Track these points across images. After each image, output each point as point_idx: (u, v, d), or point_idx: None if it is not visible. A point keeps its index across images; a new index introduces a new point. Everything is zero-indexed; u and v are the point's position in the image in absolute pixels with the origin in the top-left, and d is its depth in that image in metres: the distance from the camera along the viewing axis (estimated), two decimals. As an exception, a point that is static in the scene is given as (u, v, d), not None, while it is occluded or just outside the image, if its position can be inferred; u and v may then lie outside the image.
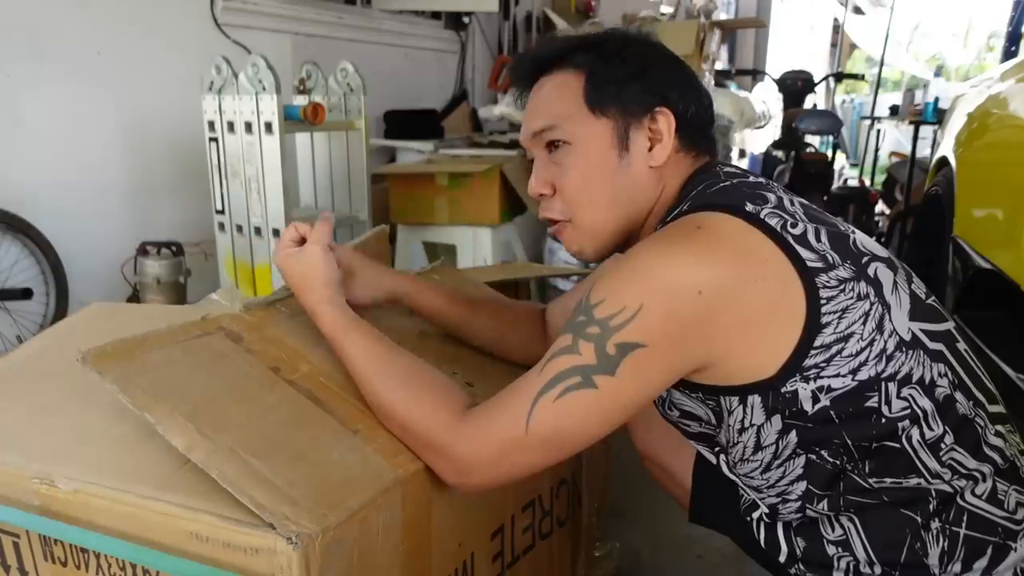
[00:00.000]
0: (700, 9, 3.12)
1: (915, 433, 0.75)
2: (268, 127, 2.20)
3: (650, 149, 0.86)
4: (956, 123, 2.42)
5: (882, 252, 0.82)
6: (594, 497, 1.27)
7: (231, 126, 2.27)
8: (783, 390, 0.75)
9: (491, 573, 0.99)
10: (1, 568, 0.89)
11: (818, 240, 0.77)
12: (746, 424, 0.79)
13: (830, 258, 0.76)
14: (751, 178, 0.85)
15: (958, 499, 0.76)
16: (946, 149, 2.43)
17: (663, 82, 0.87)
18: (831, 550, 0.80)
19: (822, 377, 0.74)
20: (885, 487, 0.76)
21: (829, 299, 0.73)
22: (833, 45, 11.45)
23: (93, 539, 0.76)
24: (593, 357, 0.73)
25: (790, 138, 4.20)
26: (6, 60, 2.24)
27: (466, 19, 4.17)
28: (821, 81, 5.26)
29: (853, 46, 11.55)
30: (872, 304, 0.75)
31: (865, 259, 0.78)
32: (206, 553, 0.69)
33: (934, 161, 2.72)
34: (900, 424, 0.75)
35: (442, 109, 4.01)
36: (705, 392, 0.81)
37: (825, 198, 3.88)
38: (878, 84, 7.41)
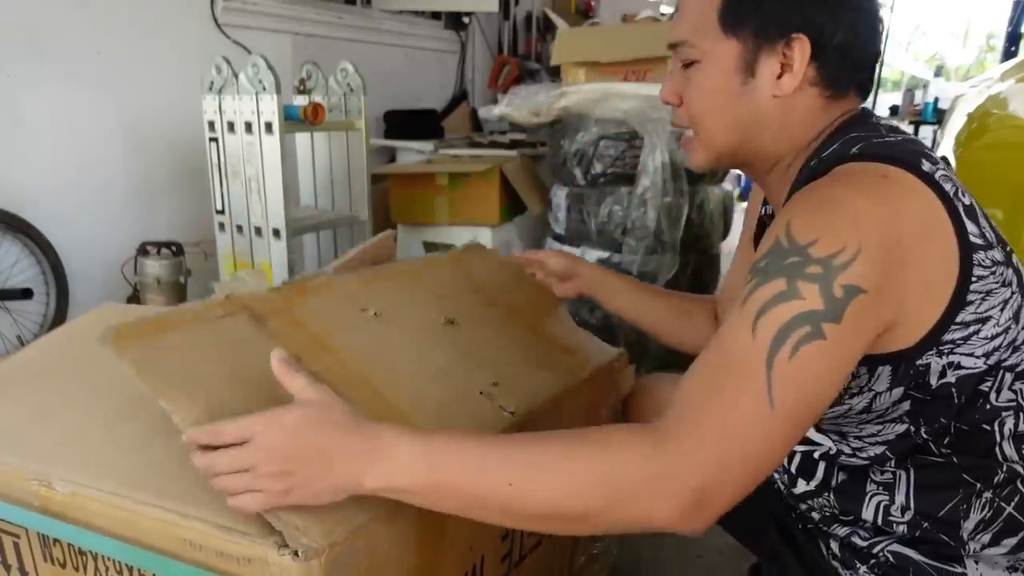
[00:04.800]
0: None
1: (1009, 423, 0.75)
2: (268, 127, 2.20)
3: (779, 77, 0.79)
4: (956, 123, 2.42)
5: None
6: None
7: (231, 126, 2.27)
8: (918, 362, 0.71)
9: (498, 573, 0.99)
10: (2, 568, 0.89)
11: (982, 216, 0.73)
12: (863, 389, 0.76)
13: (989, 237, 0.72)
14: (908, 135, 0.79)
15: (1018, 483, 0.76)
16: (946, 149, 2.43)
17: (803, 9, 0.78)
18: (870, 488, 0.81)
19: (955, 353, 0.71)
20: (954, 460, 0.76)
21: (980, 278, 0.70)
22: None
23: (91, 540, 0.76)
24: (819, 301, 0.64)
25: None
26: (6, 60, 2.24)
27: (466, 19, 4.17)
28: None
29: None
30: (1013, 293, 0.72)
31: (1009, 248, 0.76)
32: (201, 560, 0.69)
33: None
34: (1003, 413, 0.74)
35: (442, 109, 4.01)
36: None
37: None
38: (878, 84, 7.41)
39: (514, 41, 4.63)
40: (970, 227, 0.70)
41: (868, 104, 0.87)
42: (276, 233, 2.30)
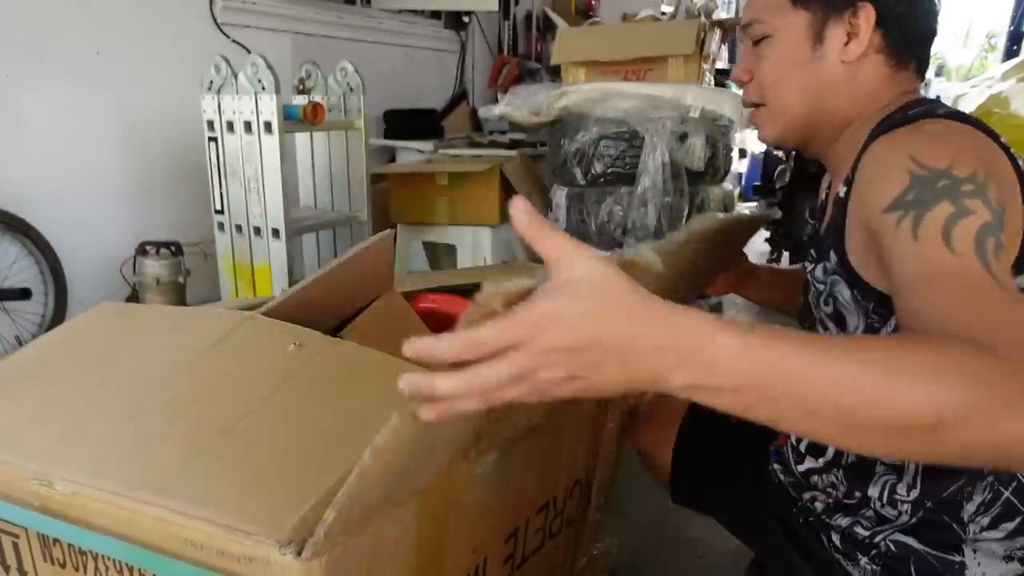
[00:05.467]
0: (700, 9, 3.11)
1: None
2: (268, 127, 2.19)
3: (847, 44, 0.85)
4: (957, 123, 2.41)
5: None
6: (601, 495, 1.27)
7: (230, 126, 2.26)
8: None
9: (501, 575, 0.99)
10: (1, 568, 0.88)
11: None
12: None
13: None
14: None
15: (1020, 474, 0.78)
16: (947, 149, 2.42)
17: None
18: (879, 468, 0.83)
19: None
20: None
21: None
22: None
23: (91, 539, 0.76)
24: (987, 213, 0.65)
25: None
26: (6, 60, 2.23)
27: (466, 19, 4.17)
28: (821, 81, 5.24)
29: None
30: None
31: None
32: (202, 560, 0.69)
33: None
34: None
35: (442, 109, 4.01)
36: (879, 301, 0.78)
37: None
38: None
39: (514, 41, 4.62)
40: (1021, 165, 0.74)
41: None
42: (275, 233, 2.29)
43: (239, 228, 2.37)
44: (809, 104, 0.88)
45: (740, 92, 1.05)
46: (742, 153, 5.94)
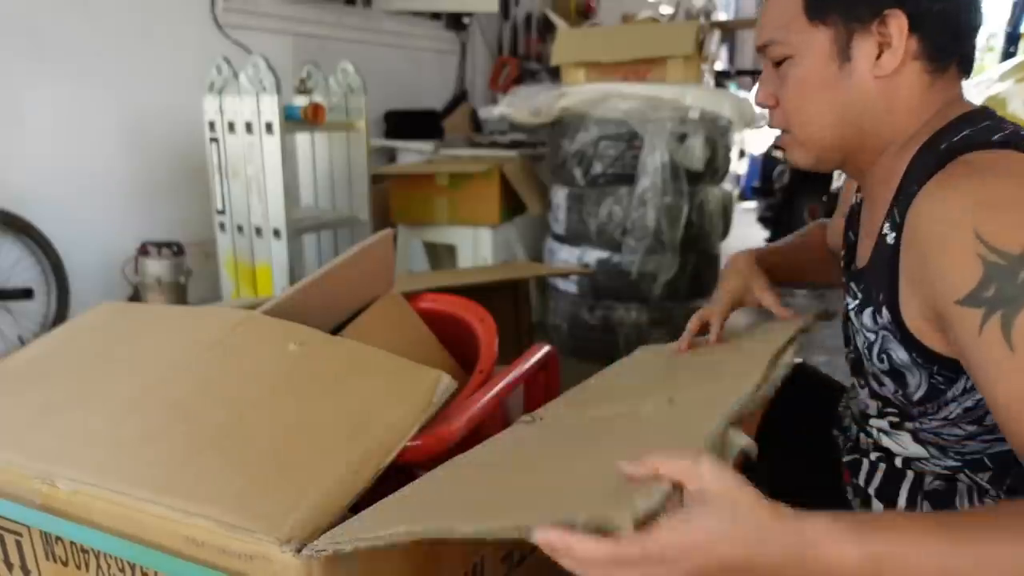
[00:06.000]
0: (700, 9, 3.12)
1: None
2: (269, 127, 2.20)
3: (878, 57, 0.76)
4: (956, 123, 2.41)
5: None
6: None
7: (232, 126, 2.27)
8: None
9: (499, 573, 0.99)
10: (4, 567, 0.89)
11: None
12: (980, 403, 0.72)
13: None
14: None
15: None
16: (946, 149, 2.42)
17: None
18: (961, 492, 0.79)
19: None
20: None
21: None
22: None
23: (93, 537, 0.76)
24: None
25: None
26: (7, 60, 2.24)
27: (466, 19, 4.18)
28: (821, 81, 5.24)
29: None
30: None
31: None
32: (204, 557, 0.69)
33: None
34: None
35: (442, 109, 4.02)
36: (943, 364, 0.72)
37: (825, 198, 3.87)
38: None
39: (514, 41, 4.63)
40: None
41: None
42: (276, 233, 2.30)
43: (240, 228, 2.38)
44: (842, 128, 0.80)
45: (739, 93, 1.02)
46: (741, 153, 5.95)
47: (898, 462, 0.85)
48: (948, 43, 0.76)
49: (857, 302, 0.84)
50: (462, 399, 1.10)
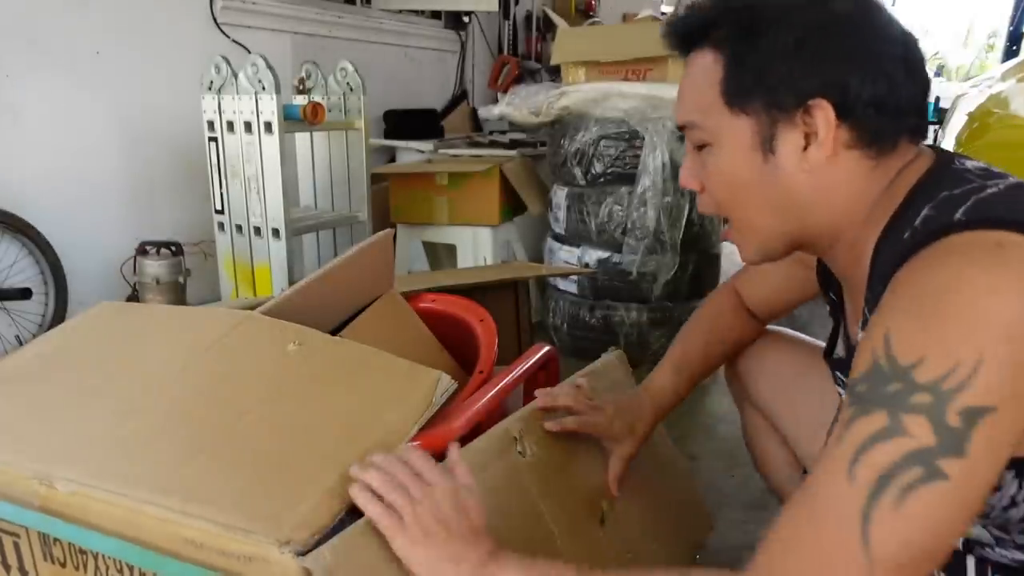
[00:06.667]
0: (700, 9, 3.12)
1: None
2: (268, 127, 2.19)
3: (804, 149, 0.68)
4: (957, 123, 2.41)
5: None
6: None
7: (231, 126, 2.27)
8: None
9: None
10: (2, 568, 0.89)
11: None
12: (1017, 500, 0.66)
13: None
14: (1008, 178, 0.67)
15: None
16: (947, 148, 2.42)
17: (828, 56, 0.66)
18: None
19: None
20: None
21: None
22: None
23: (91, 539, 0.76)
24: (931, 435, 0.54)
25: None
26: (5, 59, 2.23)
27: (466, 19, 4.17)
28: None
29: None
30: None
31: None
32: (202, 559, 0.69)
33: (934, 161, 2.71)
34: None
35: (442, 109, 4.01)
36: None
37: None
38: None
39: (514, 41, 4.62)
40: None
41: None
42: (275, 233, 2.29)
43: (239, 228, 2.38)
44: (780, 222, 0.72)
45: None
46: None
47: (959, 543, 0.75)
48: (887, 125, 0.68)
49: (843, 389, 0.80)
50: (462, 399, 1.10)
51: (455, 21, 4.15)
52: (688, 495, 1.33)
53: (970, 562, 0.74)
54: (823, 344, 0.95)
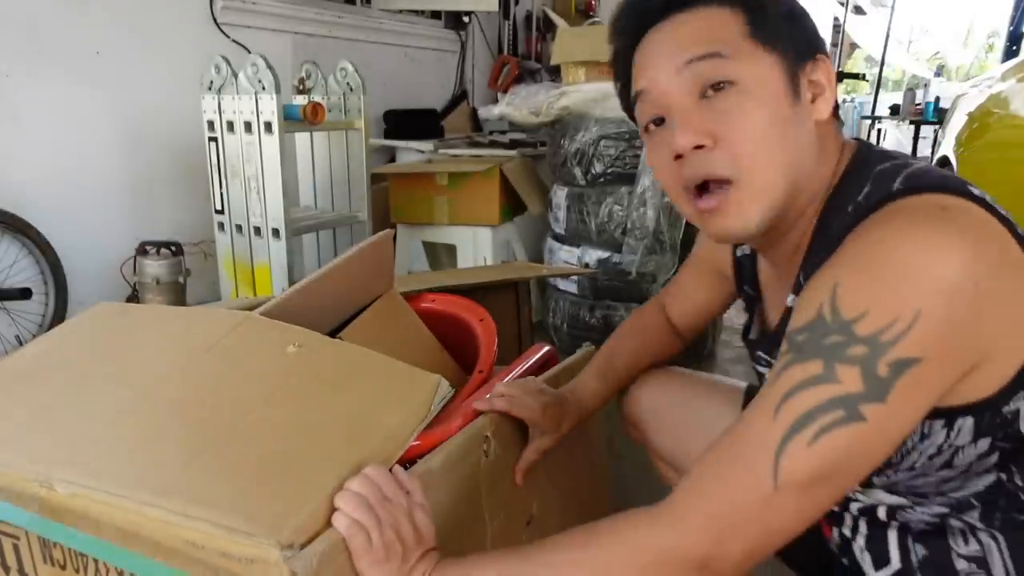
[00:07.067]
0: (700, 8, 3.12)
1: None
2: (268, 127, 2.19)
3: (813, 101, 0.70)
4: (957, 122, 2.42)
5: None
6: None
7: (231, 126, 2.27)
8: (1004, 409, 0.63)
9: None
10: (2, 570, 0.88)
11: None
12: (943, 448, 0.68)
13: None
14: (918, 159, 0.72)
15: None
16: (947, 148, 2.43)
17: (815, 27, 0.72)
18: (960, 564, 0.70)
19: None
20: None
21: None
22: (834, 45, 11.45)
23: (91, 541, 0.76)
24: (859, 383, 0.58)
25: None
26: (6, 59, 2.23)
27: (466, 19, 4.17)
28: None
29: (853, 46, 11.56)
30: None
31: None
32: (203, 561, 0.69)
33: (935, 161, 2.72)
34: None
35: (442, 109, 4.01)
36: None
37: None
38: (879, 84, 7.41)
39: (514, 41, 4.62)
40: None
41: (869, 103, 0.83)
42: (275, 233, 2.29)
43: (239, 228, 2.37)
44: (791, 178, 0.69)
45: None
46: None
47: (881, 513, 0.78)
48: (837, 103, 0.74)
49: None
50: (461, 399, 1.10)
51: (455, 21, 4.15)
52: (598, 487, 1.33)
53: (892, 536, 0.76)
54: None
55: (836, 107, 0.74)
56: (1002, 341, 0.61)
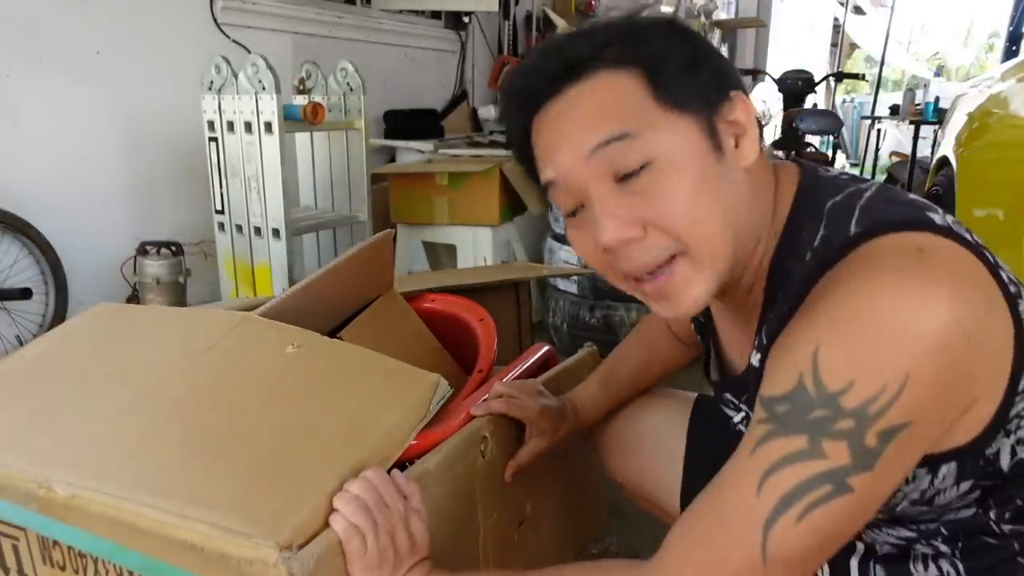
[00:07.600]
0: (700, 9, 3.12)
1: None
2: (268, 127, 2.19)
3: (736, 146, 0.65)
4: (957, 123, 2.41)
5: None
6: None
7: (231, 126, 2.27)
8: (987, 451, 0.61)
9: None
10: (1, 571, 0.88)
11: (991, 254, 0.61)
12: (926, 492, 0.66)
13: (1014, 278, 0.61)
14: (868, 178, 0.68)
15: None
16: (947, 149, 2.43)
17: (723, 62, 0.67)
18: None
19: (1023, 428, 0.62)
20: (1017, 534, 0.66)
21: None
22: (833, 45, 11.46)
23: (90, 542, 0.76)
24: (847, 456, 0.55)
25: (790, 138, 4.20)
26: (6, 59, 2.23)
27: (466, 19, 4.17)
28: (821, 81, 5.26)
29: (853, 46, 11.56)
30: None
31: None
32: (202, 561, 0.69)
33: (935, 161, 2.72)
34: None
35: (442, 109, 4.01)
36: None
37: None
38: (878, 84, 7.40)
39: (514, 41, 4.62)
40: (1004, 275, 0.59)
41: (869, 103, 0.78)
42: (276, 233, 2.29)
43: (239, 228, 2.37)
44: (734, 236, 0.65)
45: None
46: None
47: None
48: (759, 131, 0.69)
49: (743, 415, 0.80)
50: (461, 398, 1.10)
51: (455, 21, 4.15)
52: (593, 491, 1.34)
53: (853, 561, 0.74)
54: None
55: (761, 136, 0.68)
56: (985, 386, 0.59)
